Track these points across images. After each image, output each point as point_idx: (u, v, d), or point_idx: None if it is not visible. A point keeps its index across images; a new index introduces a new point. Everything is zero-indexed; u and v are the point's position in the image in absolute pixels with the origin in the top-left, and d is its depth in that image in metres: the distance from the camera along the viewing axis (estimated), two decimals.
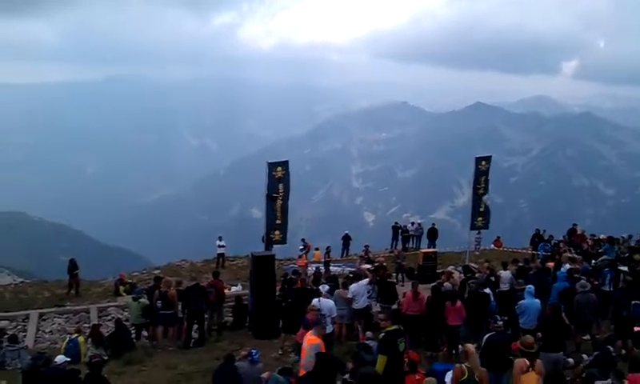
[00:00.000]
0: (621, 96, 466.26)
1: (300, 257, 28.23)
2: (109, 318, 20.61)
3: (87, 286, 25.95)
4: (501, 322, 11.30)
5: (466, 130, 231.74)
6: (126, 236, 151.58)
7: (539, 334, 11.65)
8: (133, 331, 16.86)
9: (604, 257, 19.99)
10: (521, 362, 8.78)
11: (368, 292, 15.72)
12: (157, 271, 27.83)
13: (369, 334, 12.22)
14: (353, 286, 15.32)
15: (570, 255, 20.43)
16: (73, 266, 24.32)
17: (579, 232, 29.40)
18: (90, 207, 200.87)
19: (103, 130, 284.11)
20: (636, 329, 12.46)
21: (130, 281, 24.41)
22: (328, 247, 29.73)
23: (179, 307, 16.07)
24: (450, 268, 24.40)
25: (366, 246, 29.21)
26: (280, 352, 14.47)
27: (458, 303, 13.74)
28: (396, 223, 35.61)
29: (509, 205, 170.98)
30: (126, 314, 19.46)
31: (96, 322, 18.35)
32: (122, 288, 22.95)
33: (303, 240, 29.28)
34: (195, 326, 16.34)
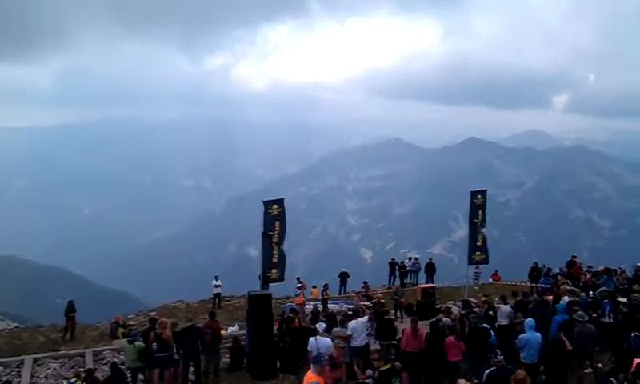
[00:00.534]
0: (612, 128, 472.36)
1: (297, 295, 27.98)
2: (104, 361, 20.30)
3: (82, 329, 25.65)
4: (501, 357, 11.17)
5: (460, 164, 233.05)
6: (122, 277, 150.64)
7: (542, 367, 11.52)
8: (129, 375, 16.58)
9: (602, 288, 19.90)
10: None
11: (367, 329, 15.55)
12: (152, 313, 27.55)
13: (368, 372, 12.06)
14: (352, 323, 15.14)
15: (568, 287, 20.36)
16: (70, 308, 24.10)
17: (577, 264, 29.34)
18: (86, 249, 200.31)
19: (99, 172, 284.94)
20: (636, 361, 12.33)
21: (130, 323, 24.12)
22: (325, 285, 29.52)
23: (175, 349, 15.83)
24: (449, 303, 24.27)
25: (365, 283, 29.03)
26: None
27: (458, 338, 13.60)
28: (392, 259, 35.58)
29: (505, 238, 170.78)
30: (121, 357, 19.19)
31: (91, 367, 18.05)
32: (120, 330, 22.63)
33: (299, 278, 29.07)
34: (192, 369, 16.08)
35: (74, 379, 15.23)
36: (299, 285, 28.25)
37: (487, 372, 10.76)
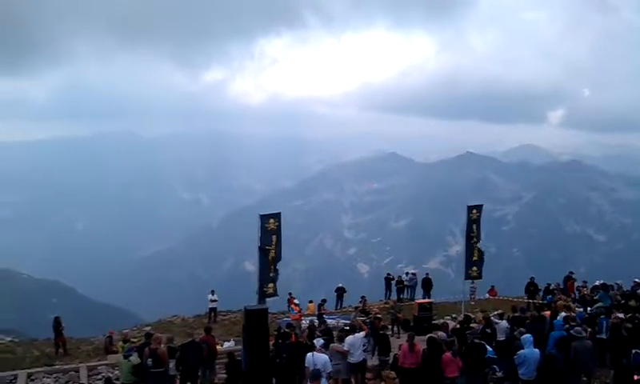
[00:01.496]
0: (607, 144, 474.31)
1: (294, 312, 27.79)
2: (99, 377, 20.13)
3: (77, 343, 25.48)
4: (500, 373, 11.11)
5: (456, 179, 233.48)
6: (118, 292, 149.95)
7: None
8: None
9: (599, 304, 19.87)
10: None
11: (364, 345, 15.43)
12: (148, 328, 27.39)
13: None
14: (349, 338, 15.01)
15: (565, 303, 20.34)
16: (57, 324, 23.97)
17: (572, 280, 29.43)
18: (81, 263, 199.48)
19: (94, 186, 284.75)
20: (636, 377, 12.30)
21: (132, 339, 23.91)
22: (323, 300, 29.40)
23: (171, 365, 15.69)
24: (447, 318, 24.22)
25: (362, 298, 28.92)
26: None
27: (455, 354, 13.49)
28: (388, 274, 35.56)
29: (502, 254, 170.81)
30: (116, 372, 19.04)
31: (85, 382, 17.90)
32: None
33: (290, 294, 28.82)
34: None
35: None
36: (297, 302, 28.09)
37: None
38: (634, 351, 13.42)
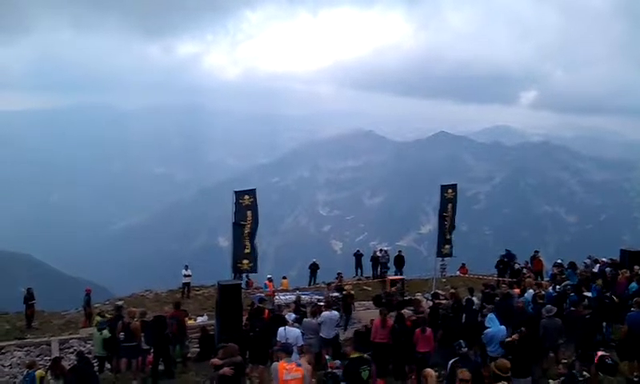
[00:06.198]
0: (579, 125, 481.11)
1: (266, 289, 27.90)
2: (71, 350, 20.08)
3: (49, 317, 25.34)
4: (465, 349, 11.29)
5: (430, 158, 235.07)
6: (90, 266, 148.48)
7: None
8: (96, 363, 16.41)
9: (567, 282, 20.25)
10: None
11: (336, 321, 15.62)
12: (120, 302, 27.30)
13: (337, 362, 12.11)
14: (325, 313, 15.23)
15: (534, 281, 20.72)
16: (29, 296, 23.80)
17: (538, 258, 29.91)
18: (53, 236, 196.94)
19: (67, 159, 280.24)
20: (599, 353, 12.62)
21: (107, 315, 23.77)
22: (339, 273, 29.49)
23: (143, 339, 15.69)
24: (418, 295, 24.55)
25: (338, 274, 29.13)
26: (247, 383, 14.19)
27: (428, 330, 13.71)
28: (358, 251, 35.89)
29: (473, 232, 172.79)
30: (88, 346, 19.01)
31: (57, 355, 17.83)
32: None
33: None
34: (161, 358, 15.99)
35: (29, 370, 14.18)
36: (269, 277, 28.23)
37: (451, 362, 10.92)
38: (605, 324, 13.74)
